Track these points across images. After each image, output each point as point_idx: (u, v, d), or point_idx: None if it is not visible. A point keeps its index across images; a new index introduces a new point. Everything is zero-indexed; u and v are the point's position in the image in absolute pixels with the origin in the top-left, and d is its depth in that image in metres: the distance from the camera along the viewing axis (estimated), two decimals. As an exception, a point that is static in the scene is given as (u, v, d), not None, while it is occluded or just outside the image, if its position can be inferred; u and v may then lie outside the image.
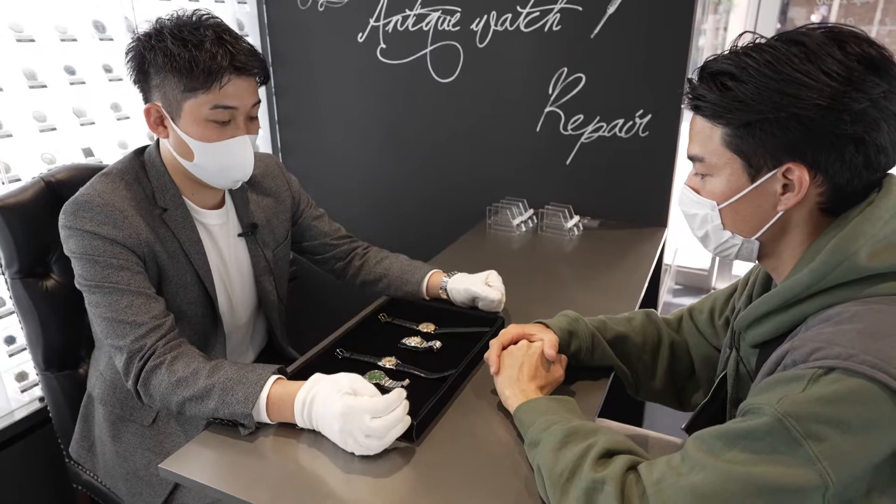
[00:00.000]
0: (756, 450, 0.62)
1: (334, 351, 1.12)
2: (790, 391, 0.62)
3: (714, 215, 0.80)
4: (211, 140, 1.05)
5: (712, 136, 0.76)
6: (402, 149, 2.18)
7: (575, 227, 1.80)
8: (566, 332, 1.04)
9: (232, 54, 1.01)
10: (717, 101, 0.73)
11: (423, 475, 0.83)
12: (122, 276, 1.01)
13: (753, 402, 0.66)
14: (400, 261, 1.38)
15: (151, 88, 1.04)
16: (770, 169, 0.73)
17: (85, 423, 1.25)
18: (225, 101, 1.03)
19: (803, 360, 0.64)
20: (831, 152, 0.69)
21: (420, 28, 1.98)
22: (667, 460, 0.70)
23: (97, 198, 1.03)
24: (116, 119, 1.74)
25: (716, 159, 0.77)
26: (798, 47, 0.69)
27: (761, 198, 0.76)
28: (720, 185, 0.78)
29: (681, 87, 1.73)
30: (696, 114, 0.78)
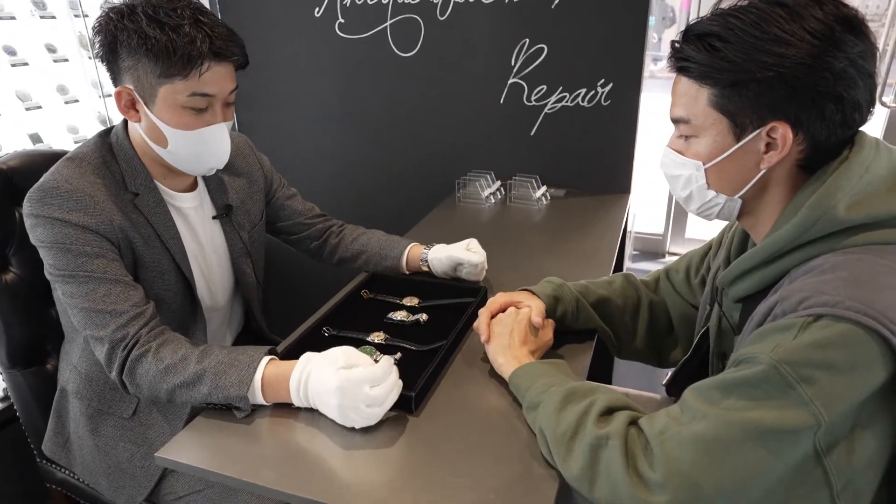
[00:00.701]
0: (752, 396, 0.65)
1: (321, 329, 1.11)
2: (782, 339, 0.65)
3: (699, 175, 0.82)
4: (187, 128, 1.01)
5: (698, 97, 0.77)
6: (365, 125, 2.15)
7: (543, 196, 1.83)
8: (552, 298, 1.06)
9: (211, 39, 0.96)
10: (704, 62, 0.74)
11: (425, 444, 0.85)
12: (97, 264, 0.97)
13: (747, 352, 0.68)
14: (377, 236, 1.38)
15: (122, 70, 0.99)
16: (755, 128, 0.75)
17: (58, 418, 1.21)
18: (203, 89, 0.99)
19: (792, 309, 0.67)
20: (813, 110, 0.72)
21: (379, 2, 1.94)
22: (666, 412, 0.72)
23: (65, 183, 0.98)
24: (64, 102, 1.65)
25: (702, 120, 0.78)
26: (781, 8, 0.71)
27: (746, 157, 0.78)
28: (706, 146, 0.80)
29: (640, 56, 1.76)
30: (681, 75, 0.79)
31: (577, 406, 0.78)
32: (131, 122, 1.05)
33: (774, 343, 0.65)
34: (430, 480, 0.78)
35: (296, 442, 0.86)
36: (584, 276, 1.30)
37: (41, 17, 1.60)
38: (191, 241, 1.15)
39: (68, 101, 1.67)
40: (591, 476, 0.72)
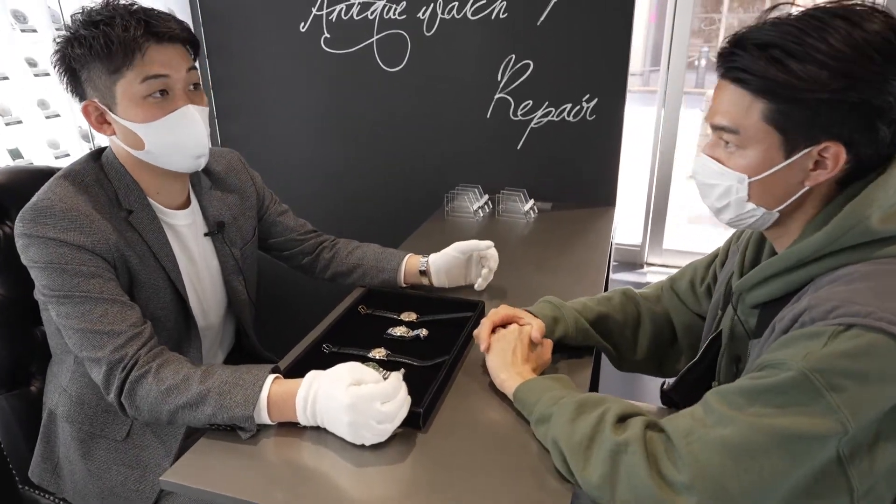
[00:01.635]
0: (780, 403, 0.66)
1: (321, 347, 1.10)
2: (812, 347, 0.66)
3: (741, 188, 0.80)
4: (153, 118, 0.99)
5: (750, 109, 0.75)
6: (351, 140, 2.15)
7: (531, 210, 1.85)
8: (550, 319, 1.07)
9: (147, 22, 0.96)
10: (767, 75, 0.71)
11: (435, 461, 0.84)
12: (93, 284, 0.95)
13: (773, 358, 0.69)
14: (373, 249, 1.37)
15: (83, 86, 0.99)
16: (806, 146, 0.74)
17: (47, 443, 1.17)
18: (152, 71, 0.97)
19: (822, 317, 0.67)
20: (867, 132, 0.71)
21: (365, 17, 1.95)
22: (690, 413, 0.73)
23: (59, 202, 0.96)
24: (45, 117, 1.62)
25: (752, 133, 0.76)
26: (844, 21, 0.69)
27: (791, 173, 0.76)
28: (752, 159, 0.77)
29: (624, 71, 1.80)
30: (735, 85, 0.76)
31: (590, 415, 0.78)
32: (107, 136, 1.04)
33: (805, 350, 0.66)
34: (445, 497, 0.78)
35: (304, 461, 0.85)
36: (577, 290, 1.32)
37: (22, 30, 1.57)
38: (184, 258, 1.14)
39: (49, 115, 1.63)
40: (611, 483, 0.72)
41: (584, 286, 1.37)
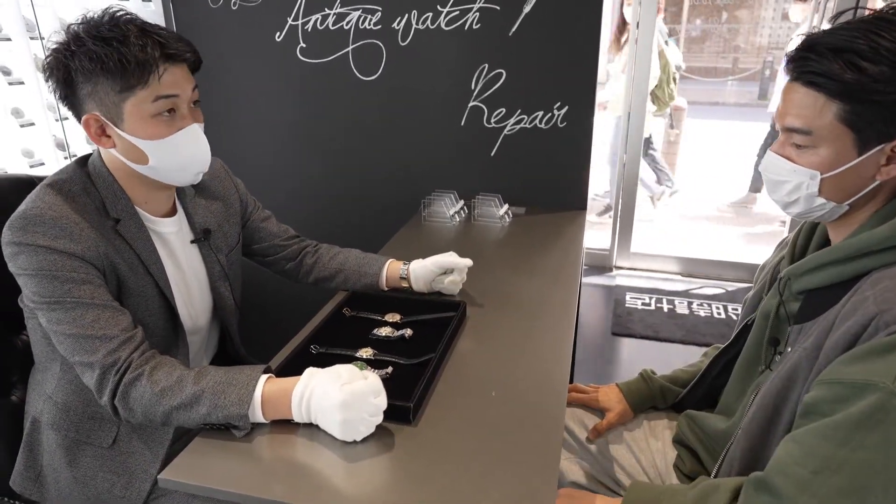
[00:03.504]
0: (882, 431, 0.68)
1: (308, 348, 1.13)
2: (892, 365, 0.68)
3: (812, 184, 0.82)
4: (161, 136, 1.01)
5: (824, 110, 0.77)
6: (328, 148, 2.17)
7: (506, 214, 1.90)
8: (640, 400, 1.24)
9: (161, 43, 0.98)
10: (843, 79, 0.74)
11: (425, 453, 0.88)
12: (84, 290, 0.96)
13: (852, 376, 0.71)
14: (354, 254, 1.40)
15: (82, 99, 0.98)
16: (879, 142, 0.76)
17: (30, 451, 1.16)
18: (166, 91, 0.99)
19: (895, 321, 0.70)
20: None
21: (341, 27, 1.98)
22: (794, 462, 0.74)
23: (48, 210, 0.96)
24: (20, 126, 1.61)
25: (826, 132, 0.78)
26: None
27: (864, 168, 0.79)
28: (825, 157, 0.80)
29: (593, 80, 1.87)
30: (808, 88, 0.78)
31: None
32: (104, 149, 1.04)
33: (886, 366, 0.68)
34: (435, 487, 0.81)
35: (299, 456, 0.87)
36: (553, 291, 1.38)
37: (-5, 39, 1.56)
38: (171, 265, 1.15)
39: (24, 124, 1.62)
40: None
41: (559, 287, 1.43)
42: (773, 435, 0.88)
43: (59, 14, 1.73)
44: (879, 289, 0.76)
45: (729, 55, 11.14)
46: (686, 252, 3.65)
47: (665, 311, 3.08)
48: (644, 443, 1.22)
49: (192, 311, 1.21)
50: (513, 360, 1.12)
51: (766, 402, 0.89)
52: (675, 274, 3.53)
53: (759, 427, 0.90)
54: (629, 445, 1.23)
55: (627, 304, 3.16)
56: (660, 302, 3.18)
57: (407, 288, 1.35)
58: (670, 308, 3.11)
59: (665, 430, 1.23)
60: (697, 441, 1.11)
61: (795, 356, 0.85)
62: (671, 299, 3.21)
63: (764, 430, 0.89)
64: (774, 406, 0.88)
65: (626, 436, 1.24)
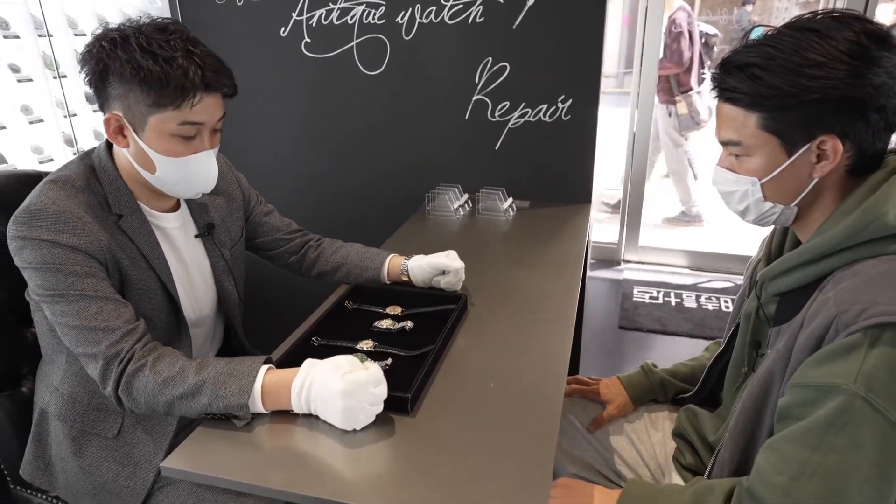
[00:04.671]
0: (849, 433, 0.70)
1: (310, 339, 1.14)
2: (854, 364, 0.70)
3: (755, 190, 0.87)
4: (176, 155, 1.03)
5: (746, 122, 0.83)
6: (333, 142, 2.19)
7: (510, 208, 1.90)
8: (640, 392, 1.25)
9: (203, 70, 0.98)
10: (752, 91, 0.80)
11: (423, 443, 0.89)
12: (87, 283, 0.98)
13: (818, 379, 0.74)
14: (357, 248, 1.41)
15: (111, 97, 1.00)
16: (804, 143, 0.81)
17: (38, 442, 1.18)
18: (193, 118, 1.01)
19: (853, 321, 0.72)
20: (858, 121, 0.78)
21: (345, 22, 1.99)
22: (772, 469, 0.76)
23: (52, 205, 0.98)
24: (28, 122, 1.63)
25: (753, 141, 0.83)
26: (813, 33, 0.77)
27: (798, 169, 0.83)
28: (759, 163, 0.85)
29: (597, 73, 1.87)
30: (728, 104, 0.84)
31: None
32: (118, 146, 1.05)
33: (847, 368, 0.71)
34: (433, 476, 0.82)
35: (298, 445, 0.89)
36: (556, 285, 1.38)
37: (4, 36, 1.58)
38: (175, 260, 1.17)
39: (32, 121, 1.65)
40: None
41: (562, 281, 1.43)
42: (758, 438, 0.89)
43: (66, 12, 1.75)
44: (840, 289, 0.77)
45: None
46: (694, 245, 3.63)
47: (673, 304, 3.07)
48: (644, 435, 1.23)
49: (196, 305, 1.23)
50: (512, 353, 1.13)
51: (749, 405, 0.90)
52: (683, 267, 3.51)
53: (743, 430, 0.91)
54: (630, 437, 1.23)
55: (635, 297, 3.15)
56: (668, 295, 3.17)
57: (408, 282, 1.35)
58: (678, 302, 3.10)
59: (665, 422, 1.23)
60: (696, 435, 1.11)
61: (771, 359, 0.86)
62: (679, 293, 3.19)
63: (748, 433, 0.90)
64: (756, 409, 0.89)
65: (626, 428, 1.24)
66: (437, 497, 0.78)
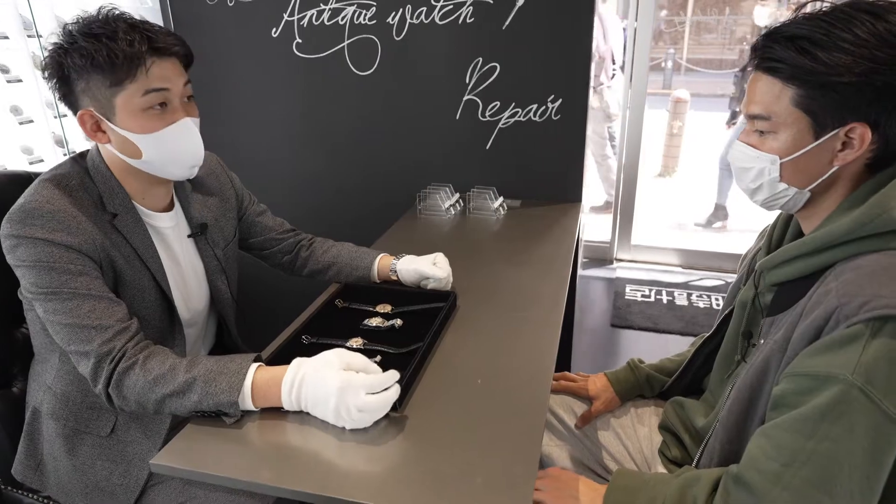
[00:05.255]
0: (844, 423, 0.71)
1: (300, 338, 1.15)
2: (854, 355, 0.70)
3: (774, 168, 0.86)
4: (153, 130, 1.03)
5: (781, 96, 0.81)
6: (324, 142, 2.20)
7: (500, 207, 1.91)
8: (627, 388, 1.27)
9: (149, 38, 1.00)
10: (797, 64, 0.78)
11: (411, 438, 0.90)
12: (80, 282, 0.99)
13: (815, 368, 0.74)
14: (347, 248, 1.43)
15: (78, 95, 1.01)
16: (834, 127, 0.79)
17: (30, 441, 1.19)
18: (154, 85, 1.01)
19: (854, 313, 0.72)
20: (892, 113, 0.77)
21: (336, 22, 2.00)
22: (764, 455, 0.77)
23: (46, 204, 0.99)
24: (18, 123, 1.63)
25: (783, 118, 0.82)
26: (868, 14, 0.76)
27: (821, 154, 0.82)
28: (784, 142, 0.83)
29: (587, 72, 1.88)
30: (767, 75, 0.82)
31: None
32: (101, 143, 1.06)
33: (846, 359, 0.71)
34: (421, 470, 0.83)
35: (287, 442, 0.90)
36: (545, 282, 1.39)
37: (-6, 38, 1.59)
38: (168, 259, 1.17)
39: (22, 121, 1.65)
40: None
41: (551, 279, 1.44)
42: (749, 427, 0.89)
43: (56, 12, 1.75)
44: (841, 281, 0.77)
45: (735, 47, 11.07)
46: (686, 244, 3.66)
47: (664, 302, 3.09)
48: (631, 430, 1.24)
49: (189, 304, 1.23)
50: (500, 350, 1.14)
51: (742, 394, 0.90)
52: (675, 266, 3.54)
53: (735, 419, 0.91)
54: (617, 433, 1.25)
55: (627, 296, 3.17)
56: (659, 294, 3.19)
57: (397, 281, 1.37)
58: (669, 300, 3.12)
59: (652, 417, 1.25)
60: (682, 427, 1.12)
61: (767, 348, 0.87)
62: (671, 291, 3.22)
63: (740, 422, 0.91)
64: (749, 398, 0.89)
65: (613, 423, 1.26)
66: (424, 491, 0.79)
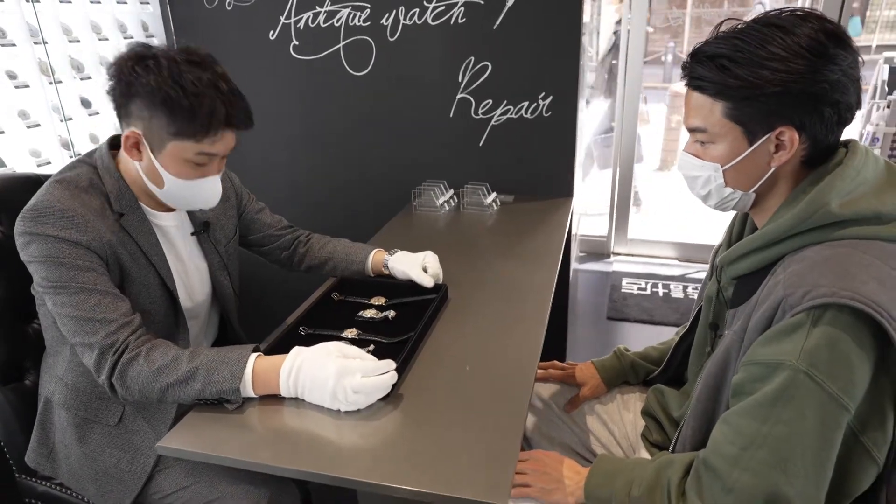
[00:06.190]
0: (794, 405, 0.76)
1: (298, 329, 1.20)
2: (798, 342, 0.76)
3: (717, 175, 0.93)
4: (186, 178, 1.10)
5: (713, 109, 0.88)
6: (321, 142, 2.25)
7: (493, 202, 1.97)
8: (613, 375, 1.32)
9: (227, 109, 1.05)
10: (718, 80, 0.85)
11: (403, 420, 0.96)
12: (87, 277, 1.04)
13: (765, 356, 0.79)
14: (343, 244, 1.48)
15: (133, 113, 1.05)
16: (765, 133, 0.86)
17: (43, 429, 1.25)
18: (211, 151, 1.08)
19: (798, 302, 0.77)
20: (814, 115, 0.83)
21: (331, 24, 2.05)
22: (727, 441, 0.82)
23: (57, 203, 1.04)
24: (26, 127, 1.69)
25: (718, 129, 0.89)
26: (778, 29, 0.82)
27: (758, 157, 0.89)
28: (722, 150, 0.90)
29: (576, 70, 1.93)
30: (696, 92, 0.89)
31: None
32: (130, 158, 1.10)
33: (792, 346, 0.76)
34: (410, 450, 0.89)
35: (285, 425, 0.95)
36: (537, 274, 1.44)
37: (1, 45, 1.64)
38: (173, 256, 1.23)
39: (30, 125, 1.71)
40: None
41: (541, 271, 1.49)
42: (716, 414, 0.94)
43: (61, 19, 1.81)
44: (788, 273, 0.83)
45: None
46: (683, 237, 3.70)
47: (660, 295, 3.14)
48: (617, 415, 1.30)
49: (193, 299, 1.29)
50: (489, 339, 1.19)
51: (709, 383, 0.95)
52: (671, 259, 3.58)
53: (703, 407, 0.97)
54: (603, 419, 1.30)
55: (623, 289, 3.22)
56: (655, 286, 3.23)
57: (390, 275, 1.42)
58: (665, 292, 3.17)
59: (637, 403, 1.30)
60: (662, 413, 1.18)
61: (728, 339, 0.92)
62: (667, 283, 3.26)
63: (708, 410, 0.96)
64: (715, 387, 0.95)
65: (599, 409, 1.31)
66: (411, 469, 0.85)
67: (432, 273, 1.36)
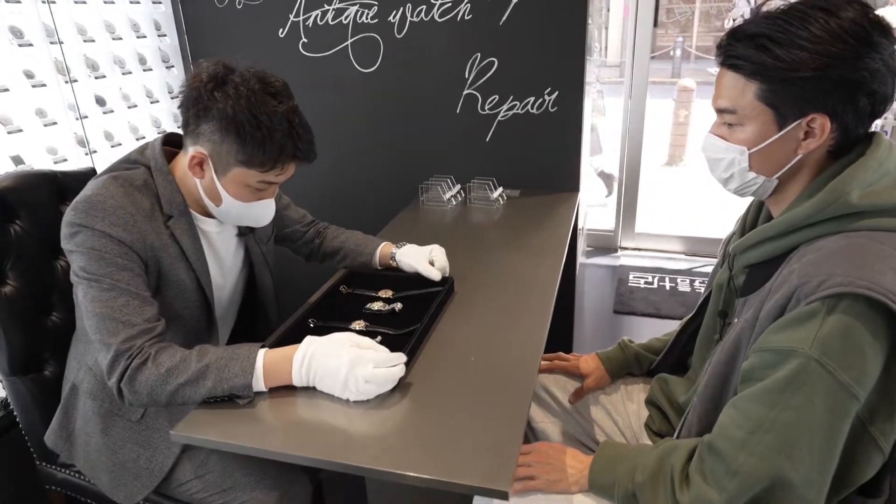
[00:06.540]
0: (804, 392, 0.76)
1: (307, 320, 1.24)
2: (811, 331, 0.76)
3: (742, 159, 0.91)
4: (244, 200, 1.14)
5: (745, 90, 0.86)
6: (330, 138, 2.28)
7: (500, 197, 1.99)
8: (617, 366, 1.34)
9: (296, 145, 1.08)
10: (757, 60, 0.83)
11: (410, 409, 0.98)
12: (122, 276, 1.05)
13: (778, 343, 0.79)
14: (355, 236, 1.52)
15: (202, 135, 1.07)
16: (796, 118, 0.84)
17: (65, 413, 1.27)
18: (274, 180, 1.12)
19: (812, 292, 0.77)
20: (849, 103, 0.82)
21: (340, 22, 2.08)
22: (735, 425, 0.82)
23: (111, 199, 1.06)
24: (43, 125, 1.73)
25: (748, 111, 0.87)
26: (822, 11, 0.80)
27: (786, 143, 0.87)
28: (750, 133, 0.89)
29: (581, 65, 1.95)
30: (731, 71, 0.87)
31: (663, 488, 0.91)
32: (193, 175, 1.12)
33: (805, 334, 0.76)
34: (416, 437, 0.92)
35: (296, 415, 0.98)
36: (541, 267, 1.46)
37: (19, 45, 1.68)
38: (212, 261, 1.25)
39: (47, 123, 1.75)
40: None
41: (546, 265, 1.52)
42: (724, 400, 0.95)
43: (76, 20, 1.85)
44: (803, 262, 0.83)
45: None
46: (691, 231, 3.70)
47: (667, 289, 3.15)
48: (621, 406, 1.32)
49: (224, 302, 1.32)
50: (494, 330, 1.22)
51: (717, 370, 0.96)
52: (679, 253, 3.58)
53: (711, 393, 0.97)
54: (607, 409, 1.32)
55: (630, 283, 3.23)
56: (662, 280, 3.24)
57: (398, 267, 1.45)
58: (672, 286, 3.17)
59: (640, 394, 1.32)
60: (666, 402, 1.20)
61: (739, 327, 0.93)
62: (674, 277, 3.27)
63: (716, 396, 0.97)
64: (724, 374, 0.95)
65: (604, 399, 1.33)
66: (418, 456, 0.88)
67: (439, 266, 1.38)
